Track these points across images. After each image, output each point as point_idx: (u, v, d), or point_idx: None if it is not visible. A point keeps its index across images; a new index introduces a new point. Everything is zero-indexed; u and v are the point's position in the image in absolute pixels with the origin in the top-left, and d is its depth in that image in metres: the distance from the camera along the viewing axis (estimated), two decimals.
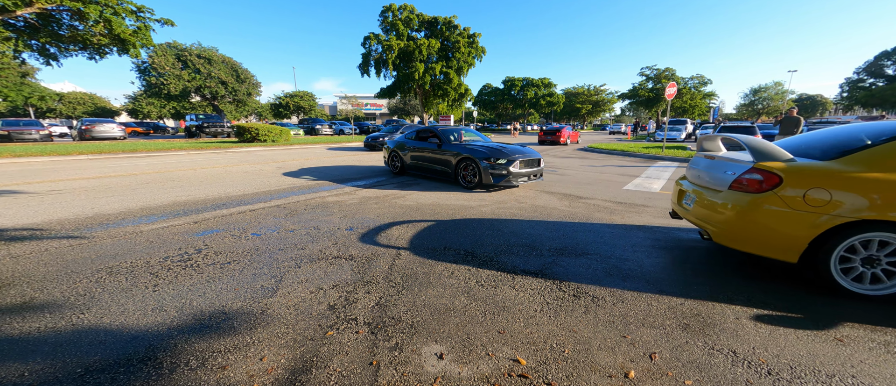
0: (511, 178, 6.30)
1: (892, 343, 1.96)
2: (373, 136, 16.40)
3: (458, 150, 6.81)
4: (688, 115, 47.79)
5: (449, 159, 6.96)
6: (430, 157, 7.48)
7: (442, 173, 7.23)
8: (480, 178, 6.35)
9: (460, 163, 6.70)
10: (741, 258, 3.21)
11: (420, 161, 7.77)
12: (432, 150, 7.39)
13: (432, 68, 29.23)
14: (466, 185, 6.61)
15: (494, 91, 59.13)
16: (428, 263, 3.08)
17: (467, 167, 6.58)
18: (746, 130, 14.22)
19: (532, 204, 5.42)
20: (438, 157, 7.26)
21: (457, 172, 6.80)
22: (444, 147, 7.18)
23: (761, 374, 1.71)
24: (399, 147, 8.24)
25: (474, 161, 6.41)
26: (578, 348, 1.91)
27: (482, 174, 6.30)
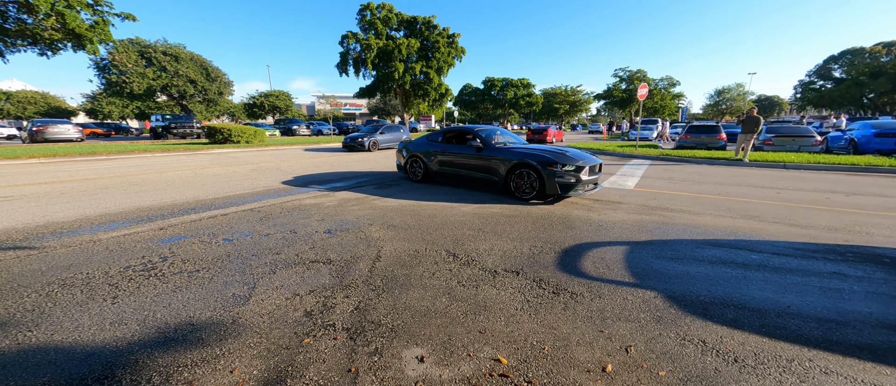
0: (580, 187, 5.30)
1: (849, 328, 2.10)
2: (351, 137, 16.04)
3: (509, 155, 5.69)
4: (659, 115, 49.88)
5: (495, 166, 5.86)
6: (469, 163, 6.32)
7: (484, 182, 6.18)
8: (543, 187, 5.30)
9: (514, 170, 5.60)
10: None
11: (453, 167, 6.63)
12: (471, 155, 6.26)
13: (412, 68, 29.03)
14: (521, 197, 5.56)
15: (475, 91, 59.54)
16: (409, 264, 3.04)
17: (524, 175, 5.49)
18: (712, 129, 14.98)
19: (512, 203, 5.47)
20: (481, 163, 6.11)
21: (508, 181, 5.71)
22: (487, 151, 6.05)
23: (728, 361, 1.79)
24: (422, 150, 7.10)
25: (534, 168, 5.34)
26: (558, 345, 1.93)
27: (546, 183, 5.23)
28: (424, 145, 7.20)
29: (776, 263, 3.06)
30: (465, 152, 6.42)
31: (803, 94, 48.71)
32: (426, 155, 7.04)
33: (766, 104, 63.97)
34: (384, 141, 16.63)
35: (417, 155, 7.19)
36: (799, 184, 7.17)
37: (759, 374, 1.70)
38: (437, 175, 7.01)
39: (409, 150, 7.43)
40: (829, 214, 4.75)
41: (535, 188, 5.40)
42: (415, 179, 7.34)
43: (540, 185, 5.34)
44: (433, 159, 6.93)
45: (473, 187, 6.60)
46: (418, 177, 7.29)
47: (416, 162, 7.29)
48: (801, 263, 3.07)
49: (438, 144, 7.03)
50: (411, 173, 7.43)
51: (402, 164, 7.61)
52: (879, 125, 11.83)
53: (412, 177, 7.42)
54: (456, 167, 6.63)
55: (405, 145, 7.64)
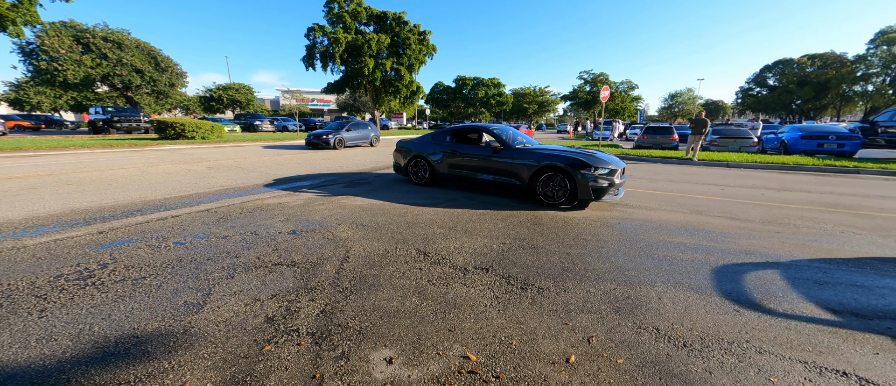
0: (611, 191, 4.97)
1: (778, 310, 2.34)
2: (315, 134, 15.38)
3: (534, 157, 5.26)
4: (619, 116, 52.79)
5: (518, 169, 5.40)
6: (486, 166, 5.80)
7: (503, 186, 5.69)
8: (574, 192, 4.93)
9: (540, 173, 5.17)
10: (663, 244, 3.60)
11: (466, 170, 6.07)
12: (487, 156, 5.77)
13: (383, 64, 28.48)
14: (548, 202, 5.14)
15: (446, 89, 59.69)
16: (378, 264, 2.99)
17: (552, 179, 5.10)
18: (666, 131, 16.08)
19: (484, 200, 5.54)
20: (500, 166, 5.61)
21: (532, 185, 5.29)
22: (507, 153, 5.59)
23: (679, 346, 1.93)
24: (428, 151, 6.51)
25: (564, 171, 4.96)
26: (525, 339, 1.98)
27: (579, 187, 4.86)
28: (430, 145, 6.57)
29: (721, 256, 3.34)
30: (481, 153, 5.89)
31: (743, 100, 53.65)
32: (432, 155, 6.43)
33: (712, 108, 69.71)
34: (351, 138, 16.19)
35: (422, 156, 6.56)
36: (739, 181, 7.89)
37: (704, 356, 1.85)
38: (445, 178, 6.39)
39: (410, 151, 6.77)
40: (763, 209, 5.26)
41: (565, 193, 5.01)
42: (418, 182, 6.71)
43: (571, 190, 4.96)
44: (441, 161, 6.32)
45: (488, 191, 6.13)
46: (422, 179, 6.65)
47: (420, 163, 6.65)
48: (750, 257, 3.38)
49: (447, 144, 6.41)
50: (414, 175, 6.80)
51: (403, 164, 6.93)
52: (805, 129, 13.30)
53: (415, 179, 6.78)
54: (469, 170, 6.04)
55: (406, 145, 6.93)
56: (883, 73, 39.96)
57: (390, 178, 7.81)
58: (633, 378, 1.68)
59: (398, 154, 7.07)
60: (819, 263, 3.15)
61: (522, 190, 5.44)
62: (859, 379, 1.68)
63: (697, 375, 1.71)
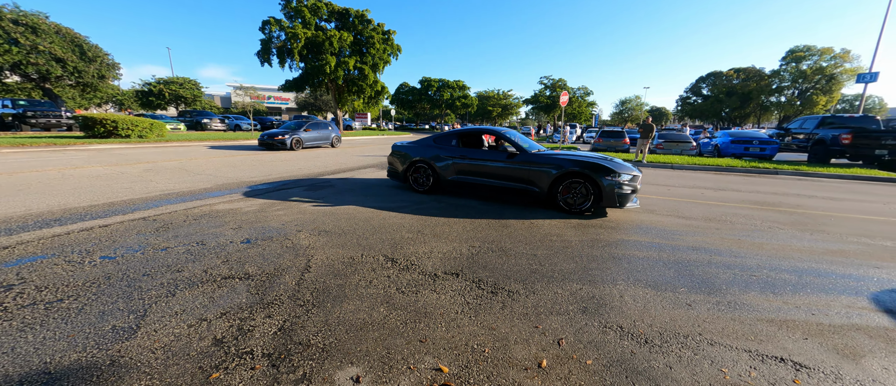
0: (632, 197, 4.93)
1: (724, 303, 2.54)
2: (269, 134, 14.38)
3: (555, 163, 5.05)
4: (577, 120, 55.82)
5: (536, 175, 5.17)
6: (500, 172, 5.49)
7: (519, 193, 5.46)
8: (599, 199, 4.80)
9: (562, 179, 5.00)
10: (613, 240, 3.80)
11: (478, 177, 5.71)
12: (501, 162, 5.47)
13: (345, 63, 27.55)
14: (569, 209, 4.99)
15: (412, 90, 59.24)
16: (343, 273, 2.82)
17: (574, 186, 4.95)
18: (618, 134, 17.24)
19: (452, 203, 5.52)
20: (516, 172, 5.35)
21: (553, 192, 5.10)
22: (523, 158, 5.32)
23: (641, 343, 2.01)
24: (430, 156, 6.02)
25: (588, 177, 4.80)
26: (497, 345, 1.95)
27: (604, 194, 4.71)
28: (433, 150, 6.07)
29: (672, 252, 3.59)
30: (494, 159, 5.55)
31: (682, 107, 59.19)
32: (436, 161, 5.96)
33: (657, 114, 76.05)
34: (310, 139, 15.46)
35: (424, 161, 6.06)
36: (683, 181, 8.62)
37: (664, 352, 1.94)
38: (452, 185, 5.94)
39: (409, 156, 6.22)
40: (704, 207, 5.78)
41: (588, 199, 4.87)
42: (420, 190, 6.20)
43: (595, 197, 4.84)
44: (447, 167, 5.89)
45: (501, 199, 5.84)
46: (425, 187, 6.14)
47: (421, 170, 6.14)
48: (697, 253, 3.65)
49: (454, 149, 5.95)
50: (414, 182, 6.25)
51: (400, 171, 6.37)
52: (734, 134, 14.91)
53: (416, 186, 6.24)
54: (481, 176, 5.67)
55: (403, 150, 6.37)
56: (792, 86, 46.18)
57: (355, 182, 7.54)
58: (603, 379, 1.71)
59: (395, 159, 6.49)
60: (752, 256, 3.49)
61: (541, 197, 5.22)
62: (794, 363, 1.86)
63: (659, 370, 1.78)
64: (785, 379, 1.74)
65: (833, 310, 2.45)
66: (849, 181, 9.34)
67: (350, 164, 10.37)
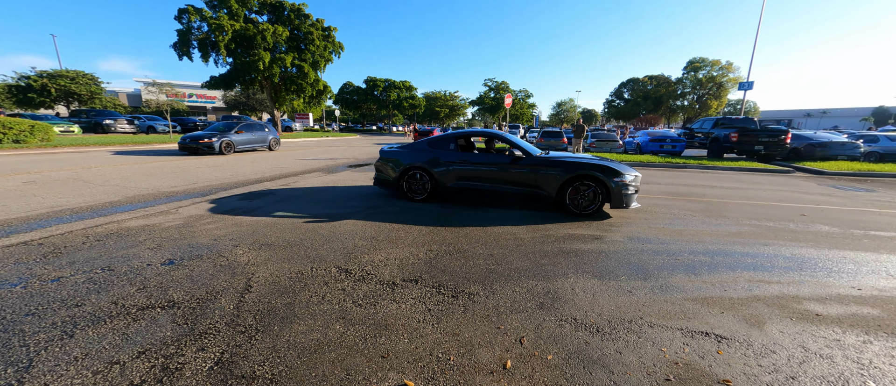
0: (635, 198, 5.08)
1: (657, 287, 2.83)
2: (192, 137, 12.74)
3: (566, 166, 5.01)
4: (519, 121, 58.96)
5: (545, 178, 5.10)
6: (505, 176, 5.34)
7: (526, 197, 5.34)
8: (607, 200, 4.88)
9: (571, 182, 4.98)
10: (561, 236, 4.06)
11: (481, 181, 5.49)
12: (507, 166, 5.31)
13: (282, 59, 25.55)
14: (578, 211, 5.01)
15: (357, 90, 57.22)
16: (291, 290, 2.58)
17: (582, 188, 4.97)
18: (557, 135, 18.56)
19: (406, 206, 5.40)
20: (523, 176, 5.23)
21: (561, 195, 5.06)
22: (530, 161, 5.23)
23: (594, 333, 2.15)
24: (426, 160, 5.65)
25: (599, 180, 4.85)
26: (462, 352, 1.93)
27: (613, 195, 4.79)
28: (429, 154, 5.71)
29: (611, 244, 3.92)
30: (499, 163, 5.38)
31: (609, 109, 65.87)
32: (433, 166, 5.61)
33: (588, 115, 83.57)
34: (243, 142, 14.07)
35: (420, 168, 5.66)
36: None
37: (613, 338, 2.09)
38: (453, 191, 5.64)
39: (401, 162, 5.76)
40: None
41: (595, 201, 4.96)
42: (416, 198, 5.77)
43: (604, 199, 4.92)
44: (447, 172, 5.57)
45: (505, 204, 5.73)
46: (422, 194, 5.75)
47: (418, 176, 5.74)
48: (632, 243, 4.03)
49: (453, 153, 5.65)
50: (409, 191, 5.82)
51: (392, 178, 5.86)
52: (652, 133, 16.98)
53: (410, 195, 5.81)
54: (485, 181, 5.47)
55: (393, 156, 5.89)
56: (692, 92, 54.10)
57: (299, 188, 7.01)
58: (563, 372, 1.79)
59: (386, 166, 5.94)
60: (675, 242, 3.97)
61: (549, 200, 5.18)
62: (716, 336, 2.13)
63: (611, 356, 1.92)
64: (711, 351, 1.98)
65: (739, 285, 2.87)
66: (738, 172, 11.19)
67: (292, 169, 9.64)
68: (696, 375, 1.78)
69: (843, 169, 10.90)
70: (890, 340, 2.12)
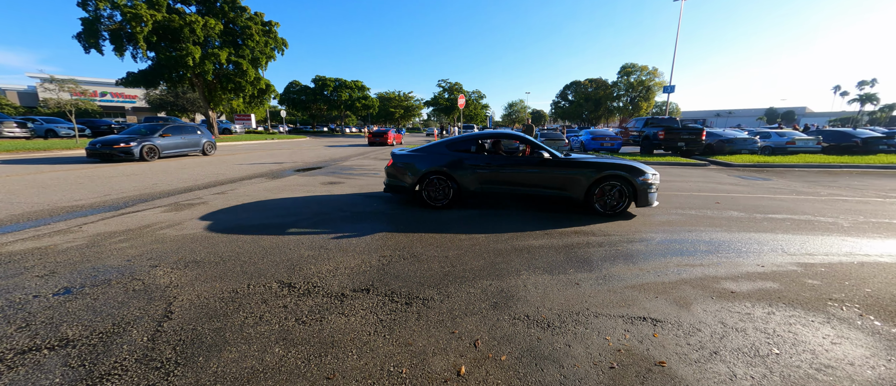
0: (656, 197, 5.14)
1: (601, 277, 2.99)
2: (105, 141, 11.04)
3: (595, 167, 4.99)
4: (474, 121, 60.25)
5: (574, 179, 5.04)
6: (534, 180, 5.20)
7: (552, 199, 5.24)
8: (634, 199, 4.93)
9: (599, 182, 4.98)
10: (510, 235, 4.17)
11: (507, 185, 5.31)
12: (535, 169, 5.18)
13: (215, 55, 23.25)
14: (605, 211, 5.05)
15: (304, 90, 54.20)
16: (222, 313, 2.29)
17: (608, 188, 5.00)
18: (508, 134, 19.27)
19: (358, 211, 5.17)
20: (552, 177, 5.12)
21: (590, 196, 5.03)
22: (557, 162, 5.12)
23: (544, 328, 2.19)
24: (446, 163, 5.34)
25: (626, 179, 4.89)
26: (415, 362, 1.85)
27: (639, 194, 4.86)
28: (449, 157, 5.41)
29: (560, 238, 4.10)
30: (526, 165, 5.24)
31: (555, 110, 70.03)
32: (455, 169, 5.32)
33: (537, 116, 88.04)
34: (170, 146, 12.54)
35: (441, 172, 5.34)
36: None
37: (563, 332, 2.16)
38: (476, 196, 5.47)
39: (417, 167, 5.39)
40: None
41: (622, 201, 5.00)
42: (437, 205, 5.44)
43: (630, 199, 4.97)
44: (470, 176, 5.33)
45: (528, 206, 5.60)
46: (443, 201, 5.43)
47: (440, 181, 5.40)
48: (578, 236, 4.24)
49: (476, 156, 5.44)
50: (429, 198, 5.47)
51: (408, 184, 5.48)
52: (593, 132, 18.34)
53: (431, 202, 5.47)
54: (510, 185, 5.29)
55: (408, 160, 5.49)
56: (626, 94, 59.53)
57: (238, 196, 6.40)
58: (516, 371, 1.79)
59: (401, 171, 5.53)
60: (615, 233, 4.27)
61: (577, 202, 5.15)
62: (652, 320, 2.30)
63: (561, 350, 1.97)
64: (648, 335, 2.13)
65: (670, 270, 3.15)
66: (665, 166, 12.48)
67: (230, 175, 8.79)
68: (636, 360, 1.89)
69: (746, 161, 12.68)
70: (788, 309, 2.46)
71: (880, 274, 3.07)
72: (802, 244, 3.88)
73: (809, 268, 3.20)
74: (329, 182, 7.98)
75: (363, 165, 11.67)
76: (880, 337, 2.13)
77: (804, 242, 3.94)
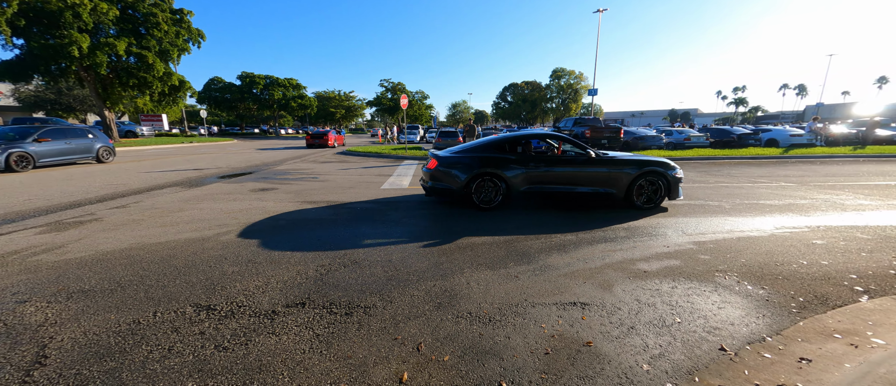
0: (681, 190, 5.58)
1: (538, 268, 3.17)
2: None
3: (635, 164, 5.35)
4: (418, 122, 60.17)
5: (615, 177, 5.35)
6: (579, 178, 5.41)
7: (594, 196, 5.57)
8: (668, 193, 5.34)
9: (638, 179, 5.32)
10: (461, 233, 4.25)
11: (554, 184, 5.43)
12: (580, 167, 5.40)
13: (110, 45, 19.67)
14: (645, 206, 5.40)
15: (229, 87, 48.79)
16: (119, 350, 1.94)
17: (651, 184, 5.36)
18: (453, 134, 19.61)
19: (293, 218, 4.80)
20: (596, 175, 5.38)
21: (630, 192, 5.36)
22: (600, 161, 5.39)
23: (486, 323, 2.26)
24: (500, 165, 5.27)
25: (660, 174, 5.29)
26: (355, 375, 1.76)
27: (672, 187, 5.32)
28: (497, 157, 5.37)
29: (499, 233, 4.26)
30: (572, 164, 5.44)
31: (496, 111, 73.22)
32: (506, 169, 5.28)
33: (480, 116, 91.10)
34: (50, 153, 10.37)
35: (492, 173, 5.27)
36: None
37: (503, 324, 2.24)
38: (523, 196, 5.54)
39: (468, 168, 5.23)
40: None
41: (660, 195, 5.37)
42: (486, 207, 5.37)
43: (664, 192, 5.35)
44: (519, 176, 5.33)
45: (568, 207, 5.65)
46: (493, 203, 5.38)
47: (487, 183, 5.32)
48: (516, 232, 4.44)
49: (522, 156, 5.48)
50: (481, 201, 5.37)
51: (457, 186, 5.27)
52: (531, 132, 19.56)
53: (483, 204, 5.37)
54: (557, 184, 5.44)
55: (454, 161, 5.33)
56: (558, 96, 64.55)
57: (144, 209, 5.52)
58: (459, 370, 1.81)
59: (446, 174, 5.32)
60: (549, 225, 4.58)
61: (618, 198, 5.47)
62: (580, 304, 2.50)
63: (501, 343, 2.04)
64: (577, 318, 2.31)
65: (596, 256, 3.47)
66: None
67: (133, 185, 7.54)
68: (567, 343, 2.04)
69: (656, 155, 14.63)
70: (687, 282, 2.86)
71: (752, 246, 3.74)
72: (697, 225, 4.57)
73: (702, 245, 3.78)
74: (260, 189, 7.30)
75: (301, 169, 10.90)
76: (751, 298, 2.59)
77: (698, 224, 4.64)
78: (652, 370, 1.80)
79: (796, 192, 6.79)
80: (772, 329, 2.19)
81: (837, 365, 1.82)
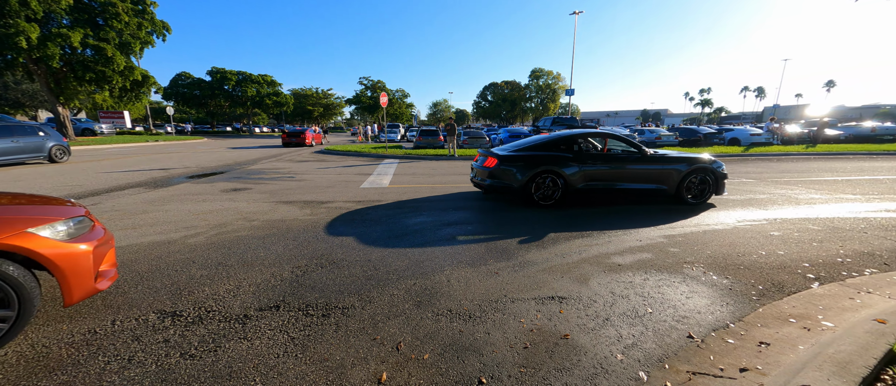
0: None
1: (517, 265, 3.21)
2: None
3: (685, 161, 5.52)
4: (399, 120, 59.63)
5: (667, 174, 5.51)
6: (634, 175, 5.55)
7: (647, 193, 5.67)
8: (715, 189, 5.55)
9: (690, 175, 5.49)
10: None
11: (610, 182, 5.54)
12: (635, 165, 5.54)
13: (63, 36, 18.23)
14: (695, 202, 5.59)
15: (198, 83, 46.43)
16: (71, 363, 1.80)
17: (700, 181, 5.55)
18: (434, 133, 19.57)
19: (267, 219, 4.62)
20: (650, 173, 5.54)
21: (681, 189, 5.53)
22: (653, 158, 5.59)
23: (466, 319, 2.26)
24: (559, 163, 5.33)
25: (711, 171, 5.49)
26: (332, 378, 1.71)
27: (719, 184, 5.54)
28: (557, 155, 5.44)
29: (483, 232, 4.28)
30: (627, 162, 5.55)
31: (476, 110, 73.72)
32: (565, 167, 5.34)
33: (460, 115, 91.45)
34: None
35: (552, 170, 5.32)
36: None
37: (483, 321, 2.25)
38: (580, 193, 5.52)
39: (527, 166, 5.31)
40: None
41: (709, 191, 5.54)
42: (546, 204, 5.44)
43: (712, 188, 5.52)
44: (576, 174, 5.39)
45: (615, 201, 5.85)
46: (552, 200, 5.44)
47: (547, 178, 5.37)
48: (499, 230, 4.48)
49: (578, 154, 5.52)
50: (539, 196, 5.43)
51: (518, 184, 5.35)
52: (510, 130, 19.82)
53: (541, 201, 5.43)
54: (612, 181, 5.54)
55: (513, 159, 5.39)
56: (536, 96, 65.74)
57: (104, 211, 5.16)
58: (439, 368, 1.79)
59: (505, 172, 5.40)
60: (533, 222, 4.65)
61: (670, 195, 5.61)
62: (558, 297, 2.55)
63: (481, 339, 2.04)
64: (555, 312, 2.35)
65: (573, 251, 3.55)
66: None
67: (91, 186, 7.05)
68: (546, 337, 2.07)
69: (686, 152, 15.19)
70: (658, 274, 2.98)
71: (716, 239, 3.95)
72: (667, 219, 4.77)
73: (672, 238, 3.95)
74: (233, 189, 7.00)
75: (276, 168, 10.54)
76: (716, 288, 2.73)
77: (668, 217, 4.85)
78: (625, 359, 1.86)
79: (756, 187, 7.24)
80: (734, 316, 2.31)
81: (792, 347, 1.95)
